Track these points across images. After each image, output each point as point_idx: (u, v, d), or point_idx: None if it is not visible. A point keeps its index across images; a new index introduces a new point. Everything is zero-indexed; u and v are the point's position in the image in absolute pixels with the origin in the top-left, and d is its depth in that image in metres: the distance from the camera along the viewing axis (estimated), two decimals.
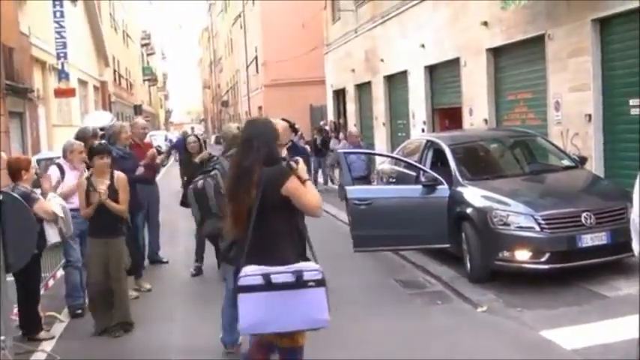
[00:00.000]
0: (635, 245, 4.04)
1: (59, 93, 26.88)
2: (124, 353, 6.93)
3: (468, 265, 8.50)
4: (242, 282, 4.35)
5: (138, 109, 53.32)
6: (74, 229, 7.72)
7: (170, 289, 9.44)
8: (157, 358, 6.67)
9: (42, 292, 8.93)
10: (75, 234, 7.93)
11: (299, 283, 4.31)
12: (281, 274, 4.33)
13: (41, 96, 24.91)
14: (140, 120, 12.96)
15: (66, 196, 7.97)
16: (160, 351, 6.84)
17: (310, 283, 4.34)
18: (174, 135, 45.97)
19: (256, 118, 5.83)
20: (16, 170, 7.31)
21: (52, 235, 7.32)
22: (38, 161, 14.24)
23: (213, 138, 47.77)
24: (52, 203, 7.41)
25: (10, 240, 6.50)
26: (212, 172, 6.20)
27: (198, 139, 11.28)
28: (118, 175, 7.56)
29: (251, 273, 4.34)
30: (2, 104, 19.47)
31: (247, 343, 6.35)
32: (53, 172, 8.38)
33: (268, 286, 4.31)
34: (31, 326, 7.49)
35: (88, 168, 7.89)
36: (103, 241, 7.41)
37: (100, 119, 19.24)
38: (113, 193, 7.41)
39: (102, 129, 13.85)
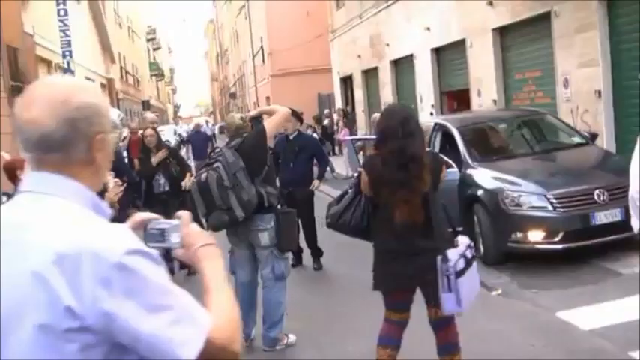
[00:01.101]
0: (634, 222, 3.94)
1: None
2: None
3: (481, 247, 8.39)
4: (458, 266, 4.38)
5: (146, 105, 53.30)
6: None
7: None
8: None
9: None
10: None
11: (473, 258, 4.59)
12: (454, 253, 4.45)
13: None
14: (149, 114, 12.85)
15: None
16: None
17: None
18: (184, 129, 45.92)
19: (394, 104, 5.58)
20: (11, 172, 7.19)
21: None
22: None
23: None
24: None
25: None
26: (215, 165, 6.03)
27: (156, 132, 10.14)
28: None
29: (454, 256, 4.41)
30: (3, 105, 19.44)
31: (260, 338, 6.34)
32: None
33: (468, 265, 4.49)
34: None
35: None
36: None
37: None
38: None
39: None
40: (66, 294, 1.53)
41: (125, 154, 9.80)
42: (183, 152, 30.45)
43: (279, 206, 6.28)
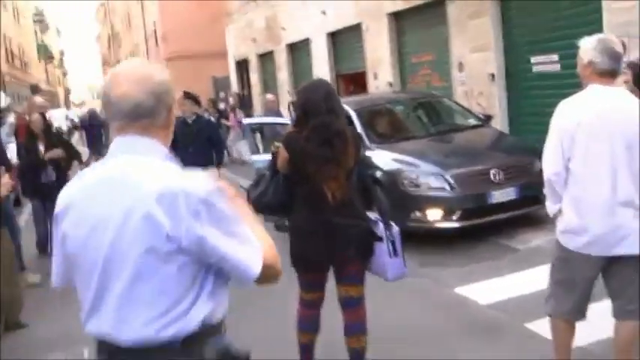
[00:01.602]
0: (549, 205, 4.03)
1: None
2: (31, 346, 6.55)
3: None
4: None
5: (35, 89, 51.37)
6: None
7: None
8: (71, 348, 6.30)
9: None
10: None
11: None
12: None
13: None
14: (37, 98, 12.29)
15: None
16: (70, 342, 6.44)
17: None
18: (76, 114, 44.48)
19: (316, 80, 5.26)
20: None
21: None
22: None
23: None
24: None
25: None
26: None
27: (44, 117, 9.67)
28: None
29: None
30: None
31: None
32: None
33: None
34: None
35: None
36: None
37: None
38: None
39: None
40: (167, 224, 2.02)
41: (14, 139, 9.42)
42: (75, 138, 29.61)
43: None
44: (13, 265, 7.07)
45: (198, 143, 8.84)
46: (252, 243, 2.15)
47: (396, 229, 4.53)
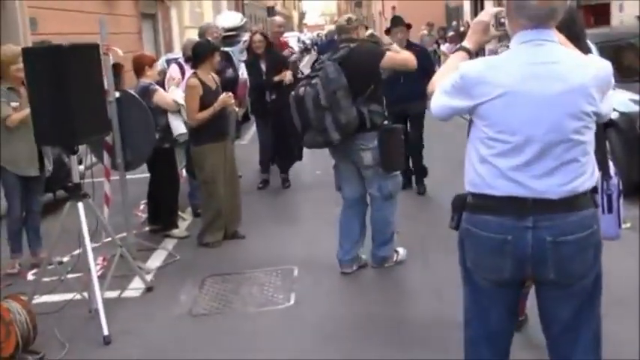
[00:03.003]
0: None
1: None
2: (248, 259, 6.69)
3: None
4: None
5: (271, 11, 53.13)
6: None
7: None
8: (281, 266, 6.42)
9: None
10: None
11: None
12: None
13: None
14: (277, 18, 12.62)
15: None
16: (280, 260, 6.59)
17: None
18: (307, 37, 45.49)
19: None
20: (139, 66, 7.31)
21: (178, 127, 7.19)
22: (168, 61, 14.23)
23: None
24: (172, 93, 7.31)
25: (127, 138, 6.42)
26: (313, 81, 5.56)
27: (265, 37, 9.82)
28: (216, 76, 7.20)
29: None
30: (136, 5, 19.66)
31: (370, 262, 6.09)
32: (173, 70, 8.21)
33: None
34: (163, 222, 7.58)
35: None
36: (222, 145, 6.97)
37: (229, 19, 19.08)
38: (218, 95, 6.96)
39: (233, 29, 13.54)
40: (599, 98, 2.69)
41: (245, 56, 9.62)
42: (305, 60, 30.35)
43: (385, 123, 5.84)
44: (236, 176, 7.31)
45: (410, 73, 8.41)
46: None
47: (615, 180, 3.95)
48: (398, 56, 5.84)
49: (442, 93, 2.82)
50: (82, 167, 9.48)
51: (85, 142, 5.79)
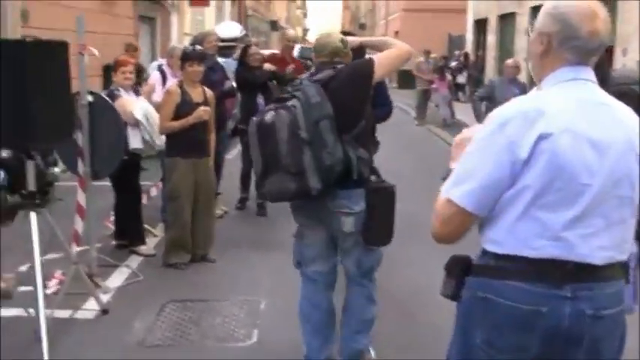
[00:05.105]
0: None
1: (194, 2, 26.67)
2: (214, 286, 6.26)
3: None
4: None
5: (274, 25, 52.91)
6: None
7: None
8: (248, 297, 5.98)
9: (144, 201, 8.52)
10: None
11: None
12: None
13: (176, 4, 24.71)
14: (290, 31, 12.16)
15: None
16: (248, 290, 6.14)
17: None
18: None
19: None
20: (113, 69, 6.86)
21: (133, 141, 6.69)
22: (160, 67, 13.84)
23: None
24: (134, 104, 6.73)
25: (96, 145, 5.97)
26: (289, 103, 4.02)
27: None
28: (208, 91, 6.79)
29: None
30: (134, 7, 19.30)
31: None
32: (154, 77, 7.82)
33: None
34: (129, 237, 7.09)
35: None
36: (192, 162, 6.55)
37: (228, 29, 18.75)
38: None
39: (230, 40, 13.14)
40: None
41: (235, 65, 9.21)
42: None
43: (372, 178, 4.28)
44: (211, 196, 6.91)
45: None
46: None
47: (635, 249, 3.40)
48: (388, 54, 4.32)
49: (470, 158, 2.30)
50: (57, 169, 9.11)
51: (42, 147, 5.32)
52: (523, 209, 2.22)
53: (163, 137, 6.73)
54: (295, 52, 9.84)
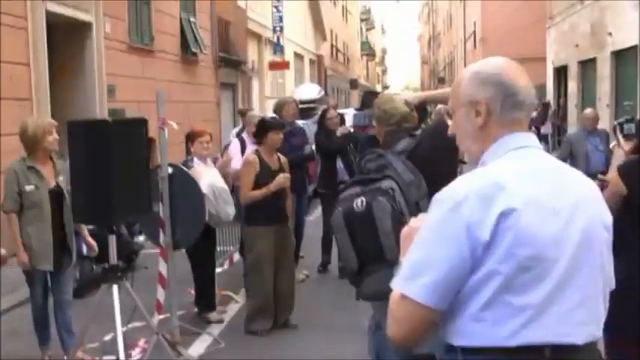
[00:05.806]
0: None
1: (273, 66, 27.36)
2: (297, 352, 6.23)
3: None
4: None
5: (354, 84, 53.56)
6: None
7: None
8: None
9: (225, 266, 8.64)
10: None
11: None
12: None
13: (255, 68, 25.35)
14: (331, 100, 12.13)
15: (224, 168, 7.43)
16: (333, 355, 6.08)
17: None
18: None
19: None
20: (188, 140, 7.03)
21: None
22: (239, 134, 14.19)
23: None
24: (202, 176, 6.68)
25: (177, 215, 6.13)
26: (384, 185, 3.58)
27: (340, 114, 9.40)
28: (282, 157, 6.85)
29: None
30: (215, 75, 19.90)
31: None
32: (234, 146, 7.99)
33: None
34: (201, 304, 7.18)
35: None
36: (274, 229, 6.61)
37: (307, 91, 19.12)
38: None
39: (310, 102, 13.32)
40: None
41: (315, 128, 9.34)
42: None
43: None
44: (291, 261, 6.99)
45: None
46: None
47: None
48: None
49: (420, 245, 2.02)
50: (142, 238, 9.38)
51: (124, 222, 5.52)
52: (491, 295, 1.94)
53: (231, 209, 6.84)
54: (348, 120, 9.73)
